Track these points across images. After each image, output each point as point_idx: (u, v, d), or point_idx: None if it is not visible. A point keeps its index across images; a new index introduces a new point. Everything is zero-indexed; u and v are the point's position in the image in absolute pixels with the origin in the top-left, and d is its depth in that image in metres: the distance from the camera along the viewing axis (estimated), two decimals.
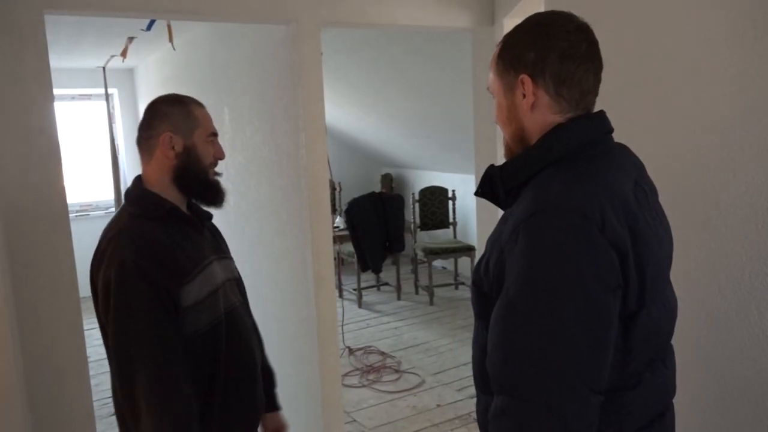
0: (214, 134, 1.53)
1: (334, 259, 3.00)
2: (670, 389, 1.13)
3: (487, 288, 1.05)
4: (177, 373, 1.35)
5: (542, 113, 1.06)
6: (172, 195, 1.48)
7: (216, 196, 1.54)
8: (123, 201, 1.50)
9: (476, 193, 1.15)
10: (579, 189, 0.97)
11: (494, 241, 1.06)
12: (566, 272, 0.91)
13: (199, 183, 1.50)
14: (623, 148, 1.14)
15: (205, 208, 1.59)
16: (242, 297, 1.64)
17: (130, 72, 6.26)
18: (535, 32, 1.06)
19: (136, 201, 1.46)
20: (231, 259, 1.64)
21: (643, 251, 0.98)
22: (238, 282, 1.63)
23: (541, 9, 2.43)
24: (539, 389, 0.90)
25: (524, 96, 1.06)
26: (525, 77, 1.05)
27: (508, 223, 1.02)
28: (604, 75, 1.11)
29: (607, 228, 0.93)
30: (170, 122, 1.46)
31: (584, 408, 0.91)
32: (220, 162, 1.54)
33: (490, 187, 1.11)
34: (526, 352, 0.92)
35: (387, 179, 7.43)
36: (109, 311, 1.33)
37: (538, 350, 0.91)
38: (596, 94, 1.09)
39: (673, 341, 1.16)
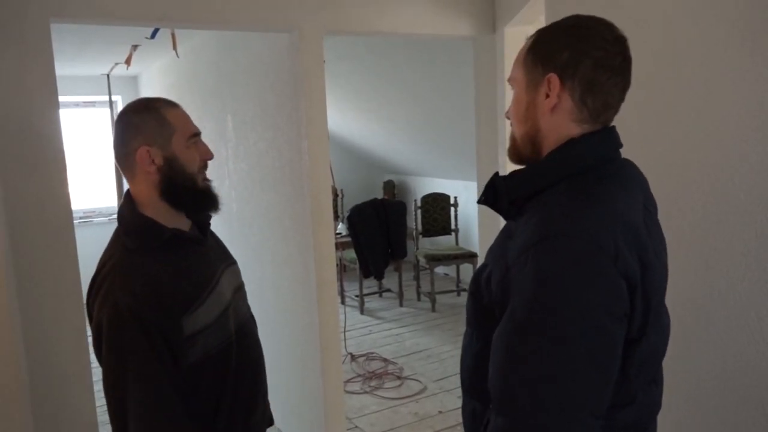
0: (196, 134, 1.36)
1: (337, 265, 3.01)
2: (657, 406, 1.13)
3: (486, 301, 1.04)
4: (172, 418, 1.26)
5: (561, 118, 1.03)
6: (166, 213, 1.34)
7: (209, 204, 1.40)
8: (117, 221, 1.38)
9: (479, 201, 1.12)
10: (591, 216, 0.94)
11: (498, 256, 1.03)
12: (576, 301, 0.89)
13: (188, 194, 1.35)
14: (630, 166, 1.12)
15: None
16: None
17: (134, 79, 6.29)
18: (572, 33, 1.02)
19: (132, 231, 1.32)
20: (236, 262, 1.55)
21: (650, 281, 0.97)
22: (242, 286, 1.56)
23: (542, 17, 2.46)
24: (543, 415, 0.89)
25: (547, 96, 1.02)
26: (553, 76, 1.01)
27: (515, 240, 0.99)
28: None
29: (620, 259, 0.91)
30: (143, 135, 1.30)
31: None
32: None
33: (493, 196, 1.08)
34: (531, 378, 0.91)
35: (389, 186, 7.44)
36: (102, 354, 1.26)
37: (543, 377, 0.90)
38: (617, 110, 1.07)
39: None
